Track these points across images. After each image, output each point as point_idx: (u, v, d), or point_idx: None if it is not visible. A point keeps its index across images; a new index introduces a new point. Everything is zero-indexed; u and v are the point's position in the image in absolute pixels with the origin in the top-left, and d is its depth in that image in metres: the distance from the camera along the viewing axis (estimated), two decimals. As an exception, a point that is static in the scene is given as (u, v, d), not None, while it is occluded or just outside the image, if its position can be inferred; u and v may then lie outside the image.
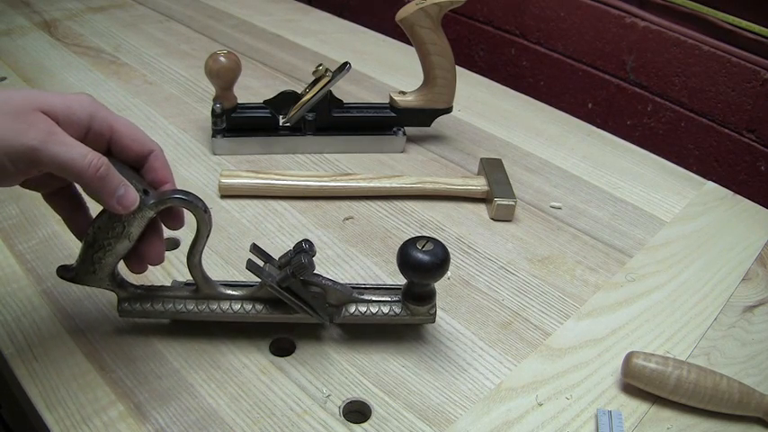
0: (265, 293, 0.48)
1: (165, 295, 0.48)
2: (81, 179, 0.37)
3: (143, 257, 0.45)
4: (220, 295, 0.48)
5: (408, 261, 0.45)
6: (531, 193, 0.73)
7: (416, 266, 0.45)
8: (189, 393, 0.46)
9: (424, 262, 0.45)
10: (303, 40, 1.06)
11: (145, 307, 0.48)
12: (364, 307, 0.49)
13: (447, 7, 0.70)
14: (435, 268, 0.45)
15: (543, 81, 1.09)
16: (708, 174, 0.83)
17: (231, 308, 0.48)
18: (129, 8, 1.13)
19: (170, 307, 0.48)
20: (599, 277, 0.61)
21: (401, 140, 0.78)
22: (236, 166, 0.73)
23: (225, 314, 0.48)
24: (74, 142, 0.37)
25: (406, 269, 0.46)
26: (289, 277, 0.45)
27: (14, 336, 0.49)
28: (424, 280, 0.47)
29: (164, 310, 0.48)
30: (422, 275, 0.46)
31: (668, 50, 0.92)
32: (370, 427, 0.45)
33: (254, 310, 0.49)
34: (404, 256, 0.46)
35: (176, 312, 0.48)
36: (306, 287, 0.47)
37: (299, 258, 0.45)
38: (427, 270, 0.45)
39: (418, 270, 0.45)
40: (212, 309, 0.48)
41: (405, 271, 0.46)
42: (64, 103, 0.38)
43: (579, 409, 0.48)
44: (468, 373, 0.50)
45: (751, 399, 0.47)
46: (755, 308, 0.59)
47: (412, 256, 0.45)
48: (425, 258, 0.45)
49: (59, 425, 0.43)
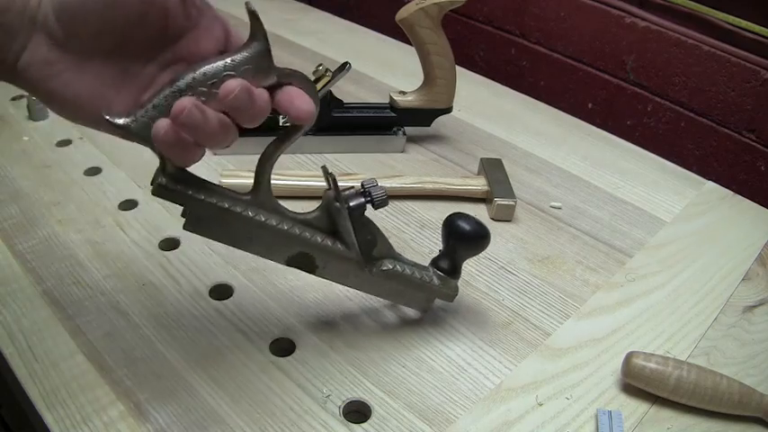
0: (321, 223, 0.46)
1: (215, 188, 0.42)
2: None
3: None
4: (276, 209, 0.44)
5: (458, 229, 0.49)
6: (531, 193, 0.73)
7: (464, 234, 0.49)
8: (189, 393, 0.46)
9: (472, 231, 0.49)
10: (303, 39, 1.06)
11: (189, 191, 0.41)
12: (402, 266, 0.50)
13: (447, 7, 0.70)
14: (481, 238, 0.50)
15: (543, 81, 1.09)
16: (708, 174, 0.83)
17: (282, 225, 0.45)
18: (129, 8, 1.13)
19: (217, 201, 0.42)
20: (599, 277, 0.61)
21: (401, 140, 0.78)
22: (236, 166, 0.73)
23: (276, 228, 0.44)
24: None
25: (454, 235, 0.50)
26: (363, 205, 0.45)
27: (14, 336, 0.49)
28: (469, 249, 0.50)
29: (210, 201, 0.42)
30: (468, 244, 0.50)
31: (668, 50, 0.92)
32: (370, 427, 0.45)
33: (305, 235, 0.46)
34: (453, 225, 0.49)
35: (223, 210, 0.42)
36: (363, 227, 0.47)
37: (381, 190, 0.46)
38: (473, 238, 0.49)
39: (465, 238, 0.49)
40: (263, 219, 0.44)
41: (452, 237, 0.50)
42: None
43: (579, 409, 0.48)
44: (468, 373, 0.50)
45: (751, 399, 0.47)
46: (755, 308, 0.59)
47: (461, 224, 0.49)
48: (475, 227, 0.49)
49: (59, 425, 0.43)
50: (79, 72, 0.36)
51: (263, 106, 0.38)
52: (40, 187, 0.65)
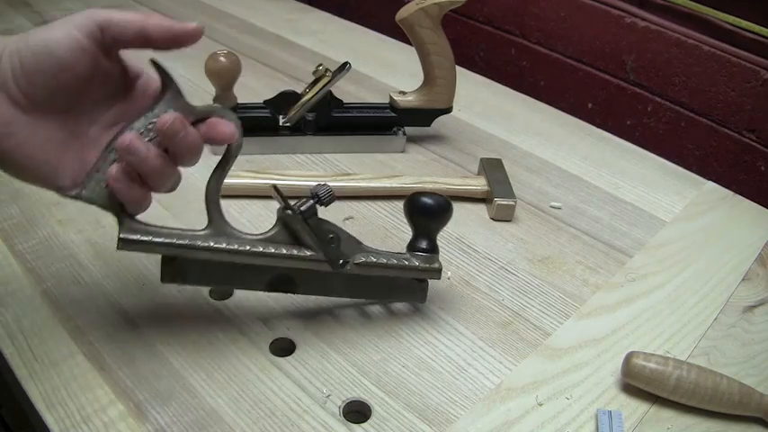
0: (281, 238, 0.48)
1: (172, 231, 0.45)
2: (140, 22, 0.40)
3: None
4: (233, 235, 0.46)
5: (416, 204, 0.51)
6: (531, 193, 0.73)
7: (422, 208, 0.51)
8: (189, 393, 0.46)
9: (429, 204, 0.51)
10: (303, 40, 1.06)
11: (149, 238, 0.44)
12: (375, 257, 0.50)
13: (447, 7, 0.70)
14: (440, 212, 0.51)
15: (543, 81, 1.09)
16: (708, 174, 0.83)
17: (243, 246, 0.46)
18: (128, 8, 1.13)
19: (178, 241, 0.45)
20: (599, 277, 0.61)
21: (401, 140, 0.78)
22: (236, 166, 0.72)
23: (238, 252, 0.46)
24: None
25: (413, 212, 0.51)
26: (314, 206, 0.46)
27: (14, 336, 0.49)
28: (429, 222, 0.52)
29: (169, 242, 0.44)
30: (428, 216, 0.51)
31: (668, 50, 0.92)
32: (370, 427, 0.45)
33: (269, 250, 0.47)
34: (412, 201, 0.51)
35: (185, 247, 0.45)
36: (323, 229, 0.48)
37: (325, 188, 0.47)
38: (433, 212, 0.51)
39: (425, 211, 0.51)
40: (224, 246, 0.46)
41: (412, 214, 0.51)
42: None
43: (579, 409, 0.48)
44: (468, 373, 0.50)
45: (751, 399, 0.47)
46: (755, 308, 0.59)
47: (419, 200, 0.51)
48: (431, 202, 0.51)
49: (59, 425, 0.43)
50: (32, 133, 0.39)
51: (195, 136, 0.42)
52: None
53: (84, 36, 0.39)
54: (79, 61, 0.39)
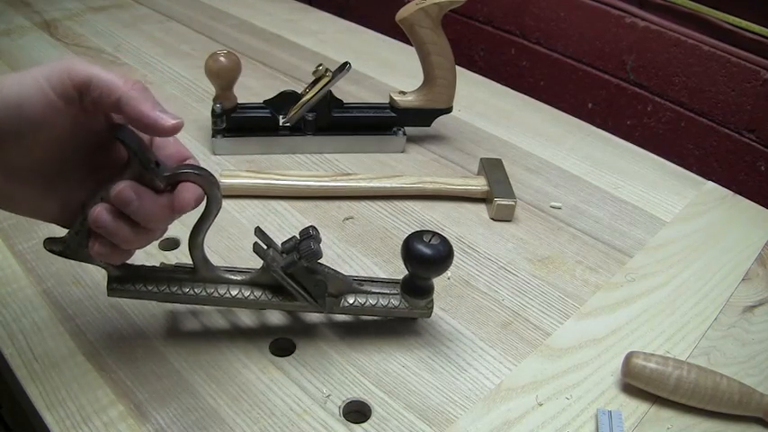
0: (266, 279, 0.47)
1: (159, 276, 0.46)
2: (119, 92, 0.37)
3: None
4: (219, 279, 0.47)
5: (414, 253, 0.46)
6: (531, 193, 0.73)
7: (421, 259, 0.46)
8: (189, 393, 0.46)
9: (428, 255, 0.46)
10: (303, 40, 1.06)
11: (137, 287, 0.46)
12: (363, 298, 0.49)
13: (447, 7, 0.70)
14: (439, 262, 0.46)
15: (543, 81, 1.09)
16: (708, 174, 0.83)
17: (229, 292, 0.47)
18: (129, 8, 1.13)
19: (164, 288, 0.46)
20: (599, 277, 0.61)
21: (401, 140, 0.78)
22: (236, 166, 0.73)
23: (222, 299, 0.47)
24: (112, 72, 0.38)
25: (411, 261, 0.46)
26: (296, 262, 0.45)
27: (15, 336, 0.49)
28: (427, 273, 0.47)
29: (157, 291, 0.46)
30: (425, 268, 0.47)
31: (668, 50, 0.92)
32: (370, 427, 0.45)
33: (253, 296, 0.48)
34: (409, 248, 0.46)
35: (171, 294, 0.46)
36: (309, 274, 0.47)
37: (308, 244, 0.45)
38: (431, 263, 0.46)
39: (422, 263, 0.46)
40: (209, 293, 0.47)
41: (409, 262, 0.47)
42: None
43: (579, 409, 0.48)
44: (468, 373, 0.50)
45: (751, 399, 0.47)
46: (755, 308, 0.59)
47: (417, 248, 0.46)
48: (430, 252, 0.46)
49: (59, 425, 0.43)
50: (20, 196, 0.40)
51: (151, 205, 0.40)
52: (40, 187, 0.65)
53: (59, 97, 0.36)
54: (55, 122, 0.37)
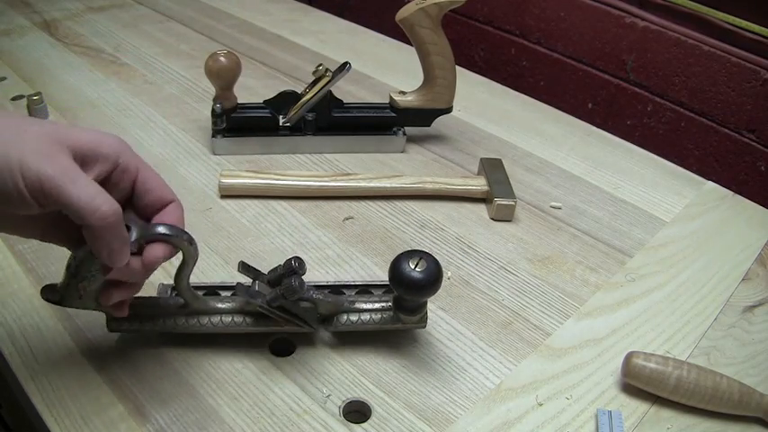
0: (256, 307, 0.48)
1: (153, 313, 0.48)
2: (84, 220, 0.35)
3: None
4: (210, 310, 0.48)
5: (400, 279, 0.45)
6: (531, 193, 0.73)
7: (408, 285, 0.45)
8: (189, 393, 0.46)
9: (416, 280, 0.44)
10: (303, 40, 1.06)
11: (133, 324, 0.47)
12: (355, 316, 0.49)
13: (447, 7, 0.70)
14: (428, 287, 0.45)
15: (543, 81, 1.09)
16: (708, 174, 0.83)
17: (222, 321, 0.48)
18: (129, 8, 1.13)
19: (159, 322, 0.48)
20: (599, 277, 0.61)
21: (401, 140, 0.78)
22: (236, 166, 0.73)
23: (215, 327, 0.48)
24: (88, 183, 0.35)
25: (398, 287, 0.46)
26: (279, 297, 0.45)
27: (15, 336, 0.49)
28: (415, 298, 0.47)
29: (152, 325, 0.48)
30: (414, 293, 0.46)
31: (668, 50, 0.92)
32: (370, 427, 0.45)
33: (245, 323, 0.48)
34: (395, 274, 0.45)
35: (166, 326, 0.48)
36: (297, 303, 0.47)
37: (289, 281, 0.44)
38: (420, 288, 0.45)
39: (410, 288, 0.45)
40: (202, 323, 0.48)
41: (396, 288, 0.46)
42: (93, 139, 0.38)
43: (579, 409, 0.48)
44: (468, 373, 0.50)
45: (751, 399, 0.47)
46: (755, 308, 0.59)
47: (404, 274, 0.45)
48: (417, 277, 0.44)
49: (59, 425, 0.43)
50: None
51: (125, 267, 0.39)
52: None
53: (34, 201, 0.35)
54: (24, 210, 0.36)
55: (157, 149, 0.74)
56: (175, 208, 0.42)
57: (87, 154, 0.37)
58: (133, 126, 0.78)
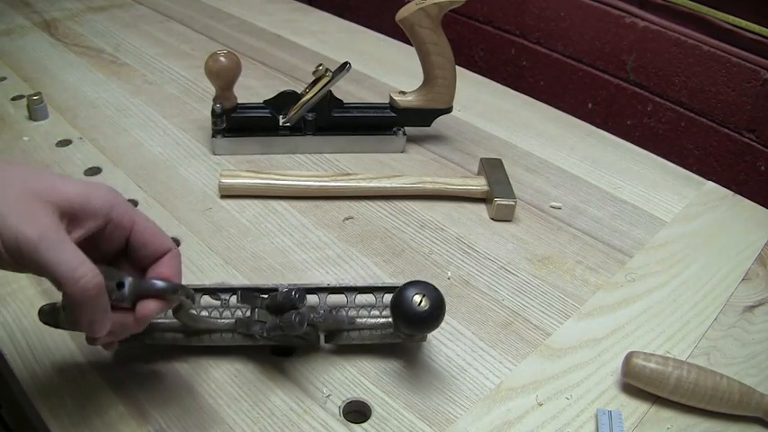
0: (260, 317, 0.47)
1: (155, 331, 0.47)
2: (64, 288, 0.34)
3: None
4: (210, 328, 0.48)
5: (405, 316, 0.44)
6: (531, 193, 0.73)
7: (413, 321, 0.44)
8: (189, 394, 0.46)
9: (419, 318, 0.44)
10: (303, 40, 1.06)
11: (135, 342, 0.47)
12: (355, 333, 0.49)
13: (447, 7, 0.70)
14: (431, 324, 0.45)
15: (543, 81, 1.09)
16: (708, 174, 0.83)
17: (222, 338, 0.48)
18: (129, 8, 1.13)
19: (158, 336, 0.47)
20: (599, 277, 0.61)
21: (401, 140, 0.78)
22: (236, 166, 0.73)
23: (214, 342, 0.48)
24: (70, 249, 0.34)
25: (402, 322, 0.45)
26: (278, 329, 0.44)
27: (15, 336, 0.49)
28: (418, 333, 0.47)
29: (153, 341, 0.47)
30: (417, 329, 0.46)
31: (668, 50, 0.92)
32: (370, 427, 0.45)
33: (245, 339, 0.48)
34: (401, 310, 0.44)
35: (165, 340, 0.48)
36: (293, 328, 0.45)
37: (289, 317, 0.43)
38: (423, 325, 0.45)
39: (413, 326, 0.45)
40: (202, 339, 0.48)
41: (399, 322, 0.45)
42: (81, 193, 0.36)
43: (579, 409, 0.48)
44: (468, 373, 0.50)
45: (751, 399, 0.47)
46: (755, 308, 0.59)
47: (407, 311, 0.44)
48: (422, 313, 0.44)
49: (59, 425, 0.43)
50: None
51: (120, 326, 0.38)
52: (40, 187, 0.65)
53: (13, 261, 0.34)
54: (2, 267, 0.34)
55: (157, 149, 0.74)
56: (172, 258, 0.40)
57: (76, 210, 0.35)
58: (133, 126, 0.78)
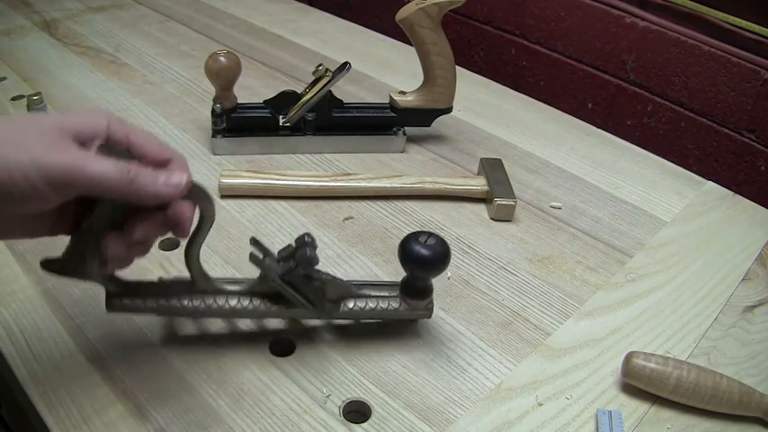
0: (264, 288, 0.47)
1: (157, 291, 0.46)
2: (117, 189, 0.37)
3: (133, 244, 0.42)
4: (217, 290, 0.47)
5: (410, 255, 0.46)
6: (531, 193, 0.73)
7: (418, 261, 0.46)
8: (189, 393, 0.46)
9: (425, 256, 0.46)
10: (303, 40, 1.06)
11: (135, 302, 0.46)
12: (362, 302, 0.49)
13: (447, 7, 0.70)
14: (437, 263, 0.46)
15: (543, 81, 1.09)
16: (708, 174, 0.83)
17: (228, 303, 0.47)
18: (129, 8, 1.13)
19: (162, 302, 0.46)
20: (599, 277, 0.61)
21: (401, 140, 0.78)
22: (236, 166, 0.73)
23: (221, 310, 0.47)
24: (103, 158, 0.37)
25: (408, 263, 0.47)
26: (293, 270, 0.45)
27: (14, 336, 0.49)
28: (424, 274, 0.48)
29: (155, 305, 0.46)
30: (423, 270, 0.47)
31: (668, 50, 0.92)
32: (370, 427, 0.45)
33: (252, 305, 0.47)
34: (405, 251, 0.46)
35: (169, 308, 0.46)
36: (307, 281, 0.47)
37: (303, 252, 0.45)
38: (429, 264, 0.46)
39: (420, 264, 0.46)
40: (208, 304, 0.47)
41: (406, 265, 0.47)
42: (83, 119, 0.38)
43: (579, 409, 0.48)
44: (468, 373, 0.50)
45: (751, 399, 0.47)
46: (755, 308, 0.59)
47: (414, 250, 0.46)
48: (427, 253, 0.46)
49: (59, 425, 0.43)
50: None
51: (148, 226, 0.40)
52: (40, 187, 0.65)
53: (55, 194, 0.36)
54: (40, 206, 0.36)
55: (157, 149, 0.74)
56: (178, 165, 0.41)
57: (85, 133, 0.38)
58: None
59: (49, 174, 0.35)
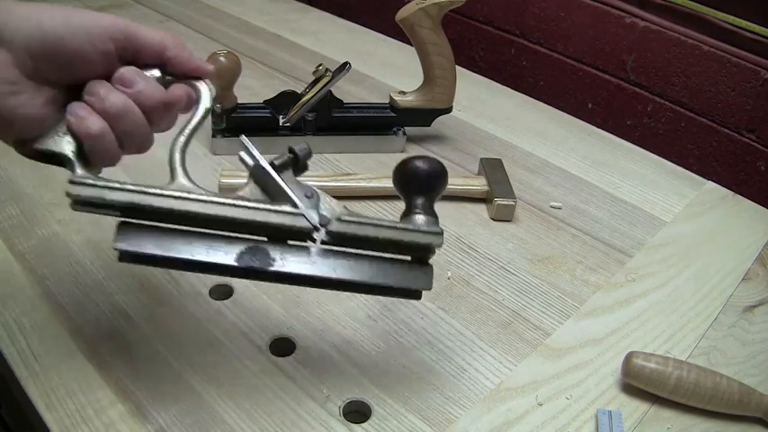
0: (255, 195, 0.43)
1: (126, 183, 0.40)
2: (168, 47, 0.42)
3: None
4: (196, 189, 0.41)
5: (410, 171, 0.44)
6: (531, 193, 0.73)
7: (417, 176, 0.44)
8: (189, 393, 0.46)
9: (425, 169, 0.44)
10: (303, 39, 1.06)
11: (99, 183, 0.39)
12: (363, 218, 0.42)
13: (447, 7, 0.70)
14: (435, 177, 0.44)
15: (543, 81, 1.09)
16: (708, 174, 0.83)
17: (209, 196, 0.41)
18: (128, 8, 1.13)
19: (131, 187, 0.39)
20: (599, 277, 0.61)
21: (401, 140, 0.78)
22: (236, 166, 0.73)
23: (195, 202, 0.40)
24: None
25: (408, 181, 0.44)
26: (289, 161, 0.42)
27: (14, 336, 0.49)
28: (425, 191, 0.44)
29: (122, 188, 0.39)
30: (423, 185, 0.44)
31: (668, 50, 0.92)
32: (370, 427, 0.45)
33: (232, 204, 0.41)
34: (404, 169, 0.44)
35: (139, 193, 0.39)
36: (299, 185, 0.43)
37: (303, 145, 0.43)
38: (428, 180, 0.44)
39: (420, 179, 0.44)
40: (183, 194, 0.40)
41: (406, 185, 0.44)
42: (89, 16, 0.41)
43: (579, 409, 0.48)
44: (468, 373, 0.50)
45: (751, 399, 0.47)
46: (755, 308, 0.59)
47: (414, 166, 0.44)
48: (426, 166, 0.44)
49: (59, 425, 0.43)
50: (35, 95, 0.39)
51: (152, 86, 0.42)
52: (40, 187, 0.65)
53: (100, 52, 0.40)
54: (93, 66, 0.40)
55: (157, 149, 0.74)
56: (175, 46, 0.43)
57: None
58: (133, 126, 0.78)
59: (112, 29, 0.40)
